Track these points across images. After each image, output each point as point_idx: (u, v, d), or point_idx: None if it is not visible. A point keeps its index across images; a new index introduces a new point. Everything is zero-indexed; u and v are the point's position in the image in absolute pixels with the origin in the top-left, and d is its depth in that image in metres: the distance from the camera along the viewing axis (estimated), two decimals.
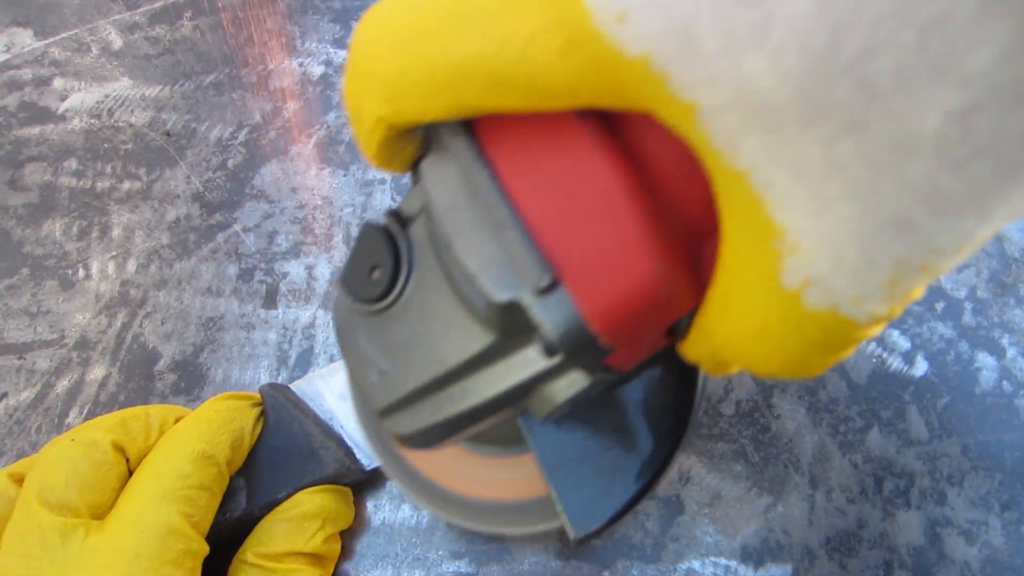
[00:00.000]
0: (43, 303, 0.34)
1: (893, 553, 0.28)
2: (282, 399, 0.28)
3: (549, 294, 0.14)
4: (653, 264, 0.14)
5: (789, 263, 0.12)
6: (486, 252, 0.15)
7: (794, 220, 0.12)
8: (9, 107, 0.40)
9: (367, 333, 0.19)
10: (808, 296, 0.13)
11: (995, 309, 0.32)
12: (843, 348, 0.14)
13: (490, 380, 0.17)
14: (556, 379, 0.17)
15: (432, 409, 0.18)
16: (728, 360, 0.15)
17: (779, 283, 0.13)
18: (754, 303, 0.13)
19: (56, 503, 0.22)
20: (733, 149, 0.12)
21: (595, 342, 0.15)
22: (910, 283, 0.12)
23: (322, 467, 0.27)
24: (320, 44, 0.41)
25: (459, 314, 0.17)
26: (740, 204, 0.13)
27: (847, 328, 0.13)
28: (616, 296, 0.14)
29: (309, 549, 0.26)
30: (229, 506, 0.26)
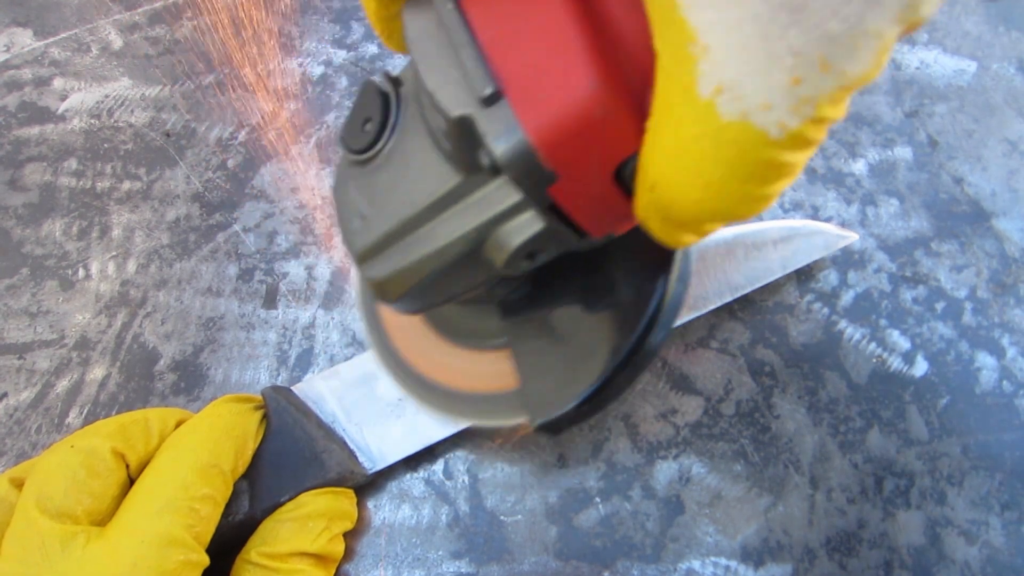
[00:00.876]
0: (43, 303, 0.34)
1: (893, 553, 0.28)
2: (284, 402, 0.28)
3: (493, 106, 0.15)
4: (592, 81, 0.15)
5: (703, 67, 0.13)
6: (445, 72, 0.16)
7: (705, 17, 0.12)
8: (9, 107, 0.40)
9: (356, 183, 0.20)
10: (721, 105, 0.13)
11: (995, 309, 0.32)
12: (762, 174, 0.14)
13: (453, 221, 0.18)
14: (512, 220, 0.18)
15: (403, 252, 0.19)
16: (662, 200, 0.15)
17: (695, 92, 0.13)
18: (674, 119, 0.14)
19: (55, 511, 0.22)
20: None
21: (536, 162, 0.15)
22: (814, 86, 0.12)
23: (324, 471, 0.27)
24: (320, 44, 0.41)
25: (433, 158, 0.18)
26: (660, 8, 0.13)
27: (760, 144, 0.13)
28: (555, 109, 0.15)
29: (314, 549, 0.26)
30: (231, 509, 0.26)
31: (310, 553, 0.26)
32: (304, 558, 0.26)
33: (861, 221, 0.34)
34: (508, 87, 0.15)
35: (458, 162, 0.17)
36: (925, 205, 0.35)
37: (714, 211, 0.14)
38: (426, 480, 0.30)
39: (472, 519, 0.29)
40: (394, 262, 0.19)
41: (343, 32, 0.41)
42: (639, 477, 0.29)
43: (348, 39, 0.41)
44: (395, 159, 0.19)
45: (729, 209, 0.14)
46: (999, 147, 0.36)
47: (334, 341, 0.33)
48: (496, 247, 0.18)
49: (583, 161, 0.16)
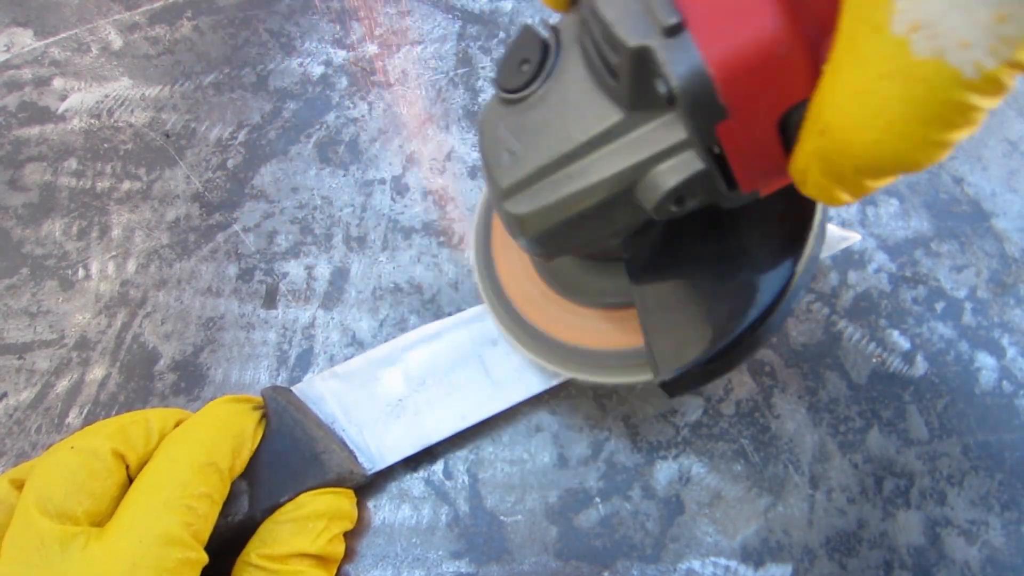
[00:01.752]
0: (43, 303, 0.34)
1: (893, 553, 0.28)
2: (284, 402, 0.28)
3: (675, 37, 0.15)
4: (774, 20, 0.15)
5: (900, 5, 0.12)
6: (624, 4, 0.16)
7: None
8: (9, 107, 0.40)
9: (507, 122, 0.20)
10: (916, 42, 0.12)
11: (995, 309, 0.32)
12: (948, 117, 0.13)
13: (609, 158, 0.19)
14: (669, 159, 0.18)
15: (551, 188, 0.19)
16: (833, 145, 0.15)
17: (888, 30, 0.13)
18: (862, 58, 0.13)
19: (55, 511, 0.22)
20: None
21: (712, 95, 0.16)
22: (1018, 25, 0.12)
23: (324, 471, 0.27)
24: (320, 44, 0.41)
25: (592, 97, 0.18)
26: None
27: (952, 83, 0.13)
28: (736, 44, 0.15)
29: (314, 550, 0.26)
30: (231, 510, 0.26)
31: (310, 554, 0.26)
32: (304, 559, 0.26)
33: (861, 221, 0.34)
34: (690, 19, 0.15)
35: (622, 98, 0.18)
36: (925, 205, 0.35)
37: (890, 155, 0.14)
38: (426, 480, 0.30)
39: (472, 519, 0.29)
40: (542, 197, 0.20)
41: (343, 32, 0.41)
42: (639, 477, 0.29)
43: (348, 39, 0.41)
44: (552, 98, 0.19)
45: (906, 154, 0.14)
46: (999, 147, 0.36)
47: (334, 341, 0.33)
48: (650, 187, 0.18)
49: (756, 100, 0.16)
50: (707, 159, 0.17)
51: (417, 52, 0.40)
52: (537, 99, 0.20)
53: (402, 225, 0.35)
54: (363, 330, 0.33)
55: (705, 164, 0.17)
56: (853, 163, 0.15)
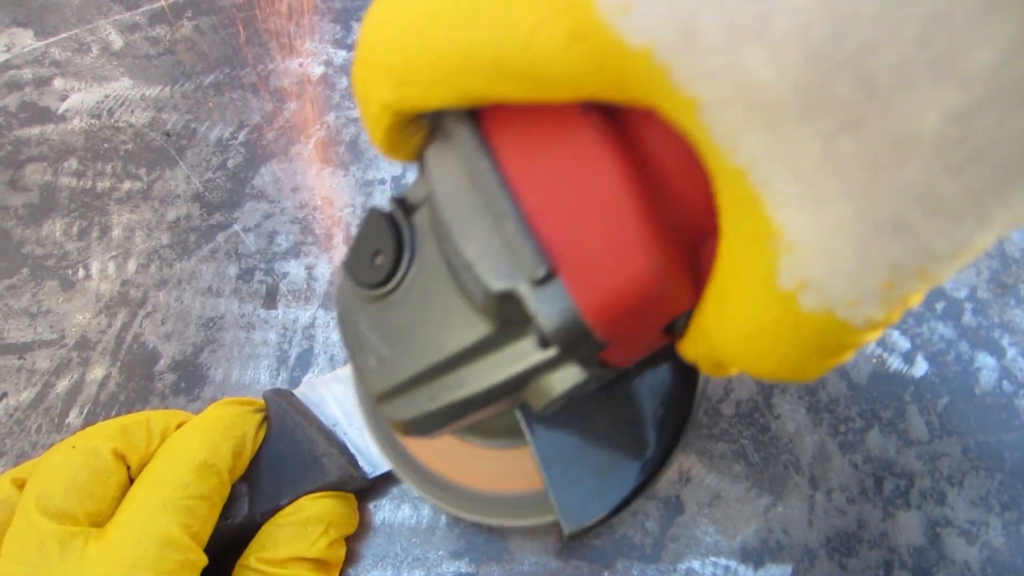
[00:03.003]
0: (43, 303, 0.34)
1: (893, 553, 0.28)
2: (285, 405, 0.28)
3: (545, 285, 0.14)
4: (651, 259, 0.14)
5: (785, 263, 0.12)
6: (484, 241, 0.15)
7: (791, 219, 0.12)
8: (9, 107, 0.40)
9: (368, 318, 0.19)
10: (804, 298, 0.12)
11: (995, 309, 0.32)
12: (839, 352, 0.14)
13: (486, 370, 0.17)
14: (552, 372, 0.17)
15: (428, 396, 0.18)
16: (724, 361, 0.15)
17: (775, 283, 0.13)
18: (749, 303, 0.13)
19: (55, 511, 0.22)
20: (732, 145, 0.12)
21: (590, 336, 0.15)
22: (907, 288, 0.12)
23: (324, 474, 0.27)
24: (320, 44, 0.41)
25: (458, 303, 0.17)
26: (738, 201, 0.13)
27: (843, 332, 0.13)
28: (612, 290, 0.14)
29: (313, 554, 0.25)
30: (231, 512, 0.26)
31: (309, 558, 0.26)
32: (303, 563, 0.25)
33: None
34: (560, 265, 0.14)
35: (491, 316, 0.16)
36: None
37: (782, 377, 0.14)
38: None
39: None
40: (418, 405, 0.18)
41: (343, 32, 0.41)
42: None
43: (348, 39, 0.41)
44: (413, 297, 0.18)
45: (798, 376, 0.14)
46: None
47: (334, 341, 0.33)
48: (535, 394, 0.18)
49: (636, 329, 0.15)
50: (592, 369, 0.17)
51: None
52: (397, 297, 0.18)
53: None
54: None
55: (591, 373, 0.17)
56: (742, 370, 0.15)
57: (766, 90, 0.11)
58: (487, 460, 0.27)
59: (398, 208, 0.18)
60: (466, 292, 0.17)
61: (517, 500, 0.26)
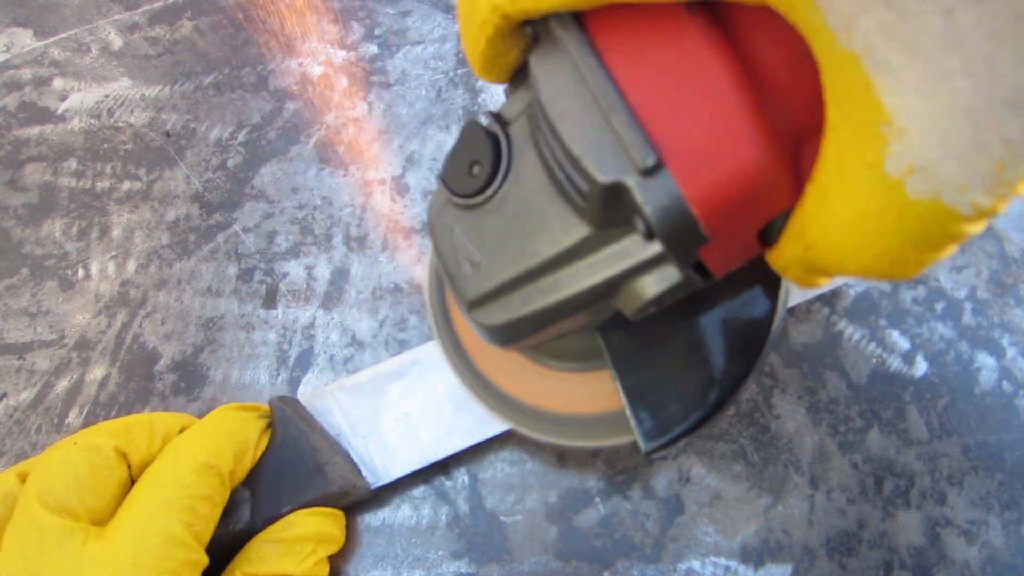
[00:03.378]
0: (43, 303, 0.34)
1: (893, 553, 0.28)
2: (290, 412, 0.28)
3: (653, 175, 0.14)
4: (756, 150, 0.14)
5: (894, 149, 0.12)
6: (592, 135, 0.15)
7: (904, 101, 0.12)
8: (9, 107, 0.40)
9: (463, 227, 0.19)
10: (911, 184, 0.12)
11: (995, 309, 0.32)
12: (942, 244, 0.13)
13: (582, 272, 0.18)
14: (648, 273, 0.17)
15: (522, 301, 0.18)
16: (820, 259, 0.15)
17: (882, 170, 0.12)
18: (853, 192, 0.13)
19: (55, 505, 0.22)
20: (848, 29, 0.12)
21: (694, 228, 0.15)
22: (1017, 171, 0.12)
23: (327, 483, 0.27)
24: (320, 44, 0.41)
25: (556, 207, 0.17)
26: (849, 88, 0.13)
27: (948, 220, 0.13)
28: (718, 179, 0.14)
29: (299, 572, 0.25)
30: (232, 518, 0.26)
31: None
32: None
33: None
34: (667, 155, 0.14)
35: (591, 217, 0.17)
36: None
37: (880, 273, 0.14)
38: (426, 480, 0.30)
39: (472, 519, 0.29)
40: (511, 309, 0.19)
41: (343, 32, 0.41)
42: (639, 477, 0.29)
43: (348, 39, 0.41)
44: (509, 205, 0.18)
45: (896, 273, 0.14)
46: None
47: (334, 341, 0.33)
48: (629, 297, 0.18)
49: (739, 225, 0.16)
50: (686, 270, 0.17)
51: (417, 52, 0.40)
52: (494, 205, 0.18)
53: (402, 225, 0.35)
54: (363, 330, 0.33)
55: (684, 276, 0.17)
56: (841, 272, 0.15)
57: None
58: (562, 382, 0.27)
59: (495, 121, 0.19)
60: (565, 196, 0.17)
61: (592, 421, 0.26)
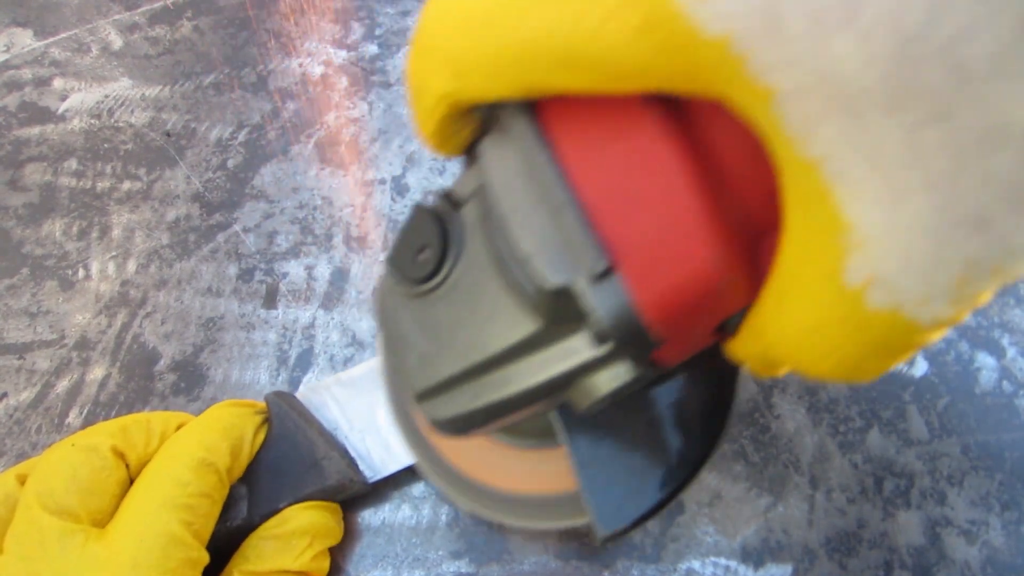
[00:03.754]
0: (43, 303, 0.34)
1: (893, 553, 0.28)
2: (286, 408, 0.28)
3: (603, 281, 0.14)
4: (713, 254, 0.14)
5: (854, 259, 0.12)
6: (541, 234, 0.14)
7: (864, 213, 0.12)
8: (9, 107, 0.40)
9: (411, 315, 0.18)
10: (871, 295, 0.12)
11: (995, 309, 0.32)
12: (901, 352, 0.13)
13: (532, 368, 0.17)
14: (600, 371, 0.17)
15: (471, 395, 0.18)
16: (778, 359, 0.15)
17: (840, 281, 0.12)
18: (812, 300, 0.13)
19: (55, 507, 0.22)
20: (808, 136, 0.11)
21: (646, 334, 0.14)
22: (979, 285, 0.12)
23: (324, 478, 0.27)
24: (320, 44, 0.41)
25: (505, 299, 0.17)
26: (808, 196, 0.12)
27: (908, 331, 0.12)
28: (672, 285, 0.14)
29: (297, 567, 0.25)
30: (230, 514, 0.26)
31: (294, 571, 0.25)
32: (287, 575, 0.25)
33: None
34: (620, 259, 0.14)
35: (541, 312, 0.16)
36: None
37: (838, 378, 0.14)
38: (426, 480, 0.30)
39: (472, 519, 0.29)
40: (460, 404, 0.18)
41: (343, 32, 0.41)
42: None
43: (348, 39, 0.41)
44: (459, 293, 0.17)
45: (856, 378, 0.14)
46: None
47: (334, 341, 0.33)
48: (580, 392, 0.17)
49: (693, 326, 0.15)
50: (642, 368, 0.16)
51: None
52: (442, 293, 0.18)
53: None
54: (363, 330, 0.33)
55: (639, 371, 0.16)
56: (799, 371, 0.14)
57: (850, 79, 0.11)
58: (517, 461, 0.27)
59: (445, 203, 0.18)
60: (515, 288, 0.16)
61: (546, 501, 0.26)
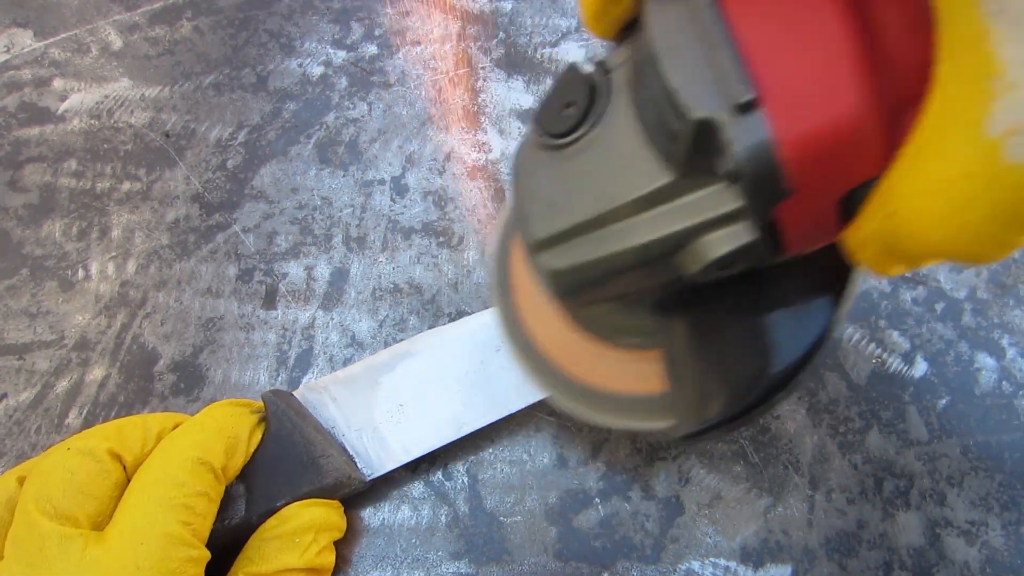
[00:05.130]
0: (43, 304, 0.34)
1: (893, 554, 0.28)
2: (284, 406, 0.28)
3: (746, 114, 0.14)
4: (857, 100, 0.14)
5: (1001, 104, 0.12)
6: (693, 69, 0.15)
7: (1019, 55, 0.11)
8: (9, 107, 0.40)
9: (547, 168, 0.19)
10: (1009, 147, 0.12)
11: (995, 310, 0.32)
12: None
13: (656, 221, 0.17)
14: (719, 229, 0.17)
15: (592, 246, 0.18)
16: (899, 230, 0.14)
17: (981, 129, 0.12)
18: (948, 152, 0.13)
19: (54, 512, 0.22)
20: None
21: (778, 176, 0.14)
22: None
23: (322, 476, 0.27)
24: (320, 44, 0.41)
25: (643, 153, 0.17)
26: (963, 38, 0.12)
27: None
28: (813, 124, 0.14)
29: (303, 564, 0.25)
30: (228, 513, 0.26)
31: (299, 568, 0.25)
32: (294, 573, 0.25)
33: None
34: (766, 95, 0.14)
35: (676, 161, 0.16)
36: None
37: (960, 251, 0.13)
38: (425, 480, 0.30)
39: (471, 520, 0.29)
40: (580, 254, 0.18)
41: (343, 32, 0.41)
42: (639, 478, 0.29)
43: (348, 39, 0.41)
44: (597, 148, 0.18)
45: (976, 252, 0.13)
46: None
47: (333, 342, 0.33)
48: (694, 254, 0.17)
49: (824, 181, 0.15)
50: (759, 231, 0.16)
51: (417, 52, 0.40)
52: (580, 147, 0.18)
53: (402, 225, 0.35)
54: (363, 331, 0.33)
55: (756, 236, 0.17)
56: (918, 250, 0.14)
57: None
58: (613, 359, 0.27)
59: (598, 68, 0.18)
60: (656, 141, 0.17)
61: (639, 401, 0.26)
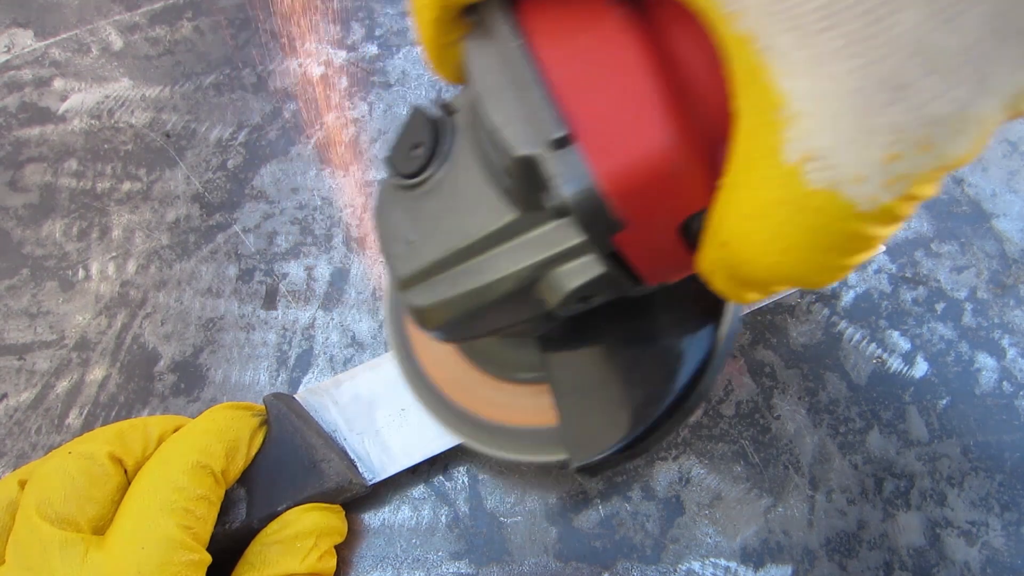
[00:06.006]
0: (43, 304, 0.34)
1: (893, 554, 0.28)
2: (285, 410, 0.28)
3: (563, 150, 0.15)
4: (667, 134, 0.14)
5: (790, 134, 0.12)
6: (511, 109, 0.16)
7: (795, 84, 0.12)
8: (9, 107, 0.40)
9: (402, 208, 0.20)
10: (808, 172, 0.12)
11: (995, 310, 0.32)
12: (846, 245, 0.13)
13: (507, 256, 0.18)
14: (569, 263, 0.18)
15: (450, 283, 0.19)
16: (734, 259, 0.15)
17: (780, 158, 0.13)
18: (755, 181, 0.13)
19: (55, 517, 0.22)
20: (738, 10, 0.12)
21: (605, 208, 0.15)
22: (912, 164, 0.12)
23: (323, 480, 0.27)
24: (320, 44, 0.41)
25: (487, 191, 0.18)
26: (746, 73, 0.13)
27: (848, 215, 0.13)
28: (627, 159, 0.15)
29: (304, 569, 0.25)
30: (228, 517, 0.26)
31: (301, 573, 0.25)
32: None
33: None
34: (579, 132, 0.15)
35: (516, 198, 0.17)
36: (925, 206, 0.35)
37: (788, 276, 0.14)
38: (426, 481, 0.30)
39: (472, 520, 0.29)
40: (439, 291, 0.19)
41: (343, 32, 0.41)
42: (639, 478, 0.29)
43: (348, 39, 0.41)
44: (446, 187, 0.19)
45: (803, 276, 0.14)
46: (999, 148, 0.36)
47: (333, 342, 0.33)
48: (550, 287, 0.18)
49: (652, 213, 0.16)
50: (608, 263, 0.17)
51: (417, 52, 0.40)
52: (430, 186, 0.19)
53: None
54: (363, 331, 0.33)
55: (607, 267, 0.17)
56: (757, 275, 0.15)
57: None
58: (505, 393, 0.27)
59: (440, 108, 0.20)
60: (497, 179, 0.18)
61: (531, 434, 0.27)
